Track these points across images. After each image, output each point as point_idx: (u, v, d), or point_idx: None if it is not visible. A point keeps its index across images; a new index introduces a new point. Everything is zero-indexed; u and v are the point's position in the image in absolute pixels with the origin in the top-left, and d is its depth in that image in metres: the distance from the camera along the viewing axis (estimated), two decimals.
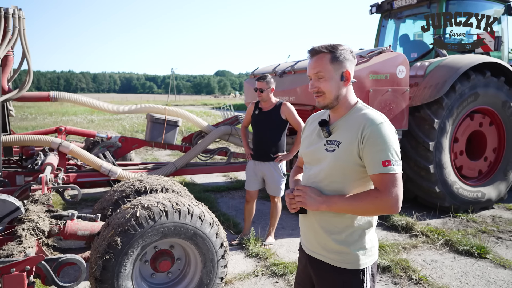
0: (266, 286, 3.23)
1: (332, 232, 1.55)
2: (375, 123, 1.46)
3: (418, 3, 5.94)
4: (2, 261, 1.84)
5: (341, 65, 1.51)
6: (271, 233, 4.12)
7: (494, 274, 3.44)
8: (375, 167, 1.44)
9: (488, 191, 5.32)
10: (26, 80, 4.16)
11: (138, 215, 2.25)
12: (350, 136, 1.50)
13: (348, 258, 1.53)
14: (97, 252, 2.21)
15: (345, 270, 1.54)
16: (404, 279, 3.30)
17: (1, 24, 3.85)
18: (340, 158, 1.51)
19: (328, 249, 1.57)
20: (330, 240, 1.55)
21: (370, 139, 1.45)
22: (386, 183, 1.43)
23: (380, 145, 1.44)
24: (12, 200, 2.43)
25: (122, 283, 2.21)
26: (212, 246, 2.43)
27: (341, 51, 1.51)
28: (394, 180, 1.43)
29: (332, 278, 1.56)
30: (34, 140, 4.18)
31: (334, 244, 1.54)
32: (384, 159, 1.43)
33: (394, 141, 1.46)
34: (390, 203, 1.42)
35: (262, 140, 3.96)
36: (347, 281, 1.54)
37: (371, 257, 1.56)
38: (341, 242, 1.53)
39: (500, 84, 5.23)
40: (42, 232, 2.28)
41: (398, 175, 1.44)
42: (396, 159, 1.45)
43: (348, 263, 1.54)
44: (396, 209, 1.43)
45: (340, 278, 1.55)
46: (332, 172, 1.53)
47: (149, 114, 4.97)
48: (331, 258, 1.56)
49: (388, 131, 1.46)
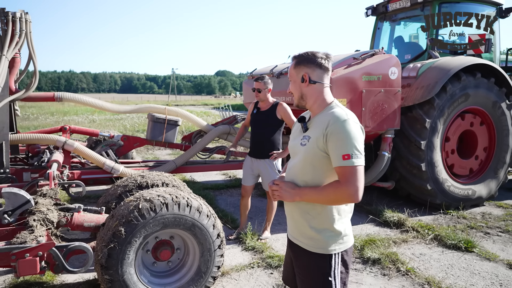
0: (262, 277, 3.40)
1: (306, 220, 1.71)
2: (338, 120, 1.62)
3: (412, 6, 6.10)
4: (17, 247, 2.01)
5: (301, 69, 1.73)
6: (267, 228, 4.29)
7: (479, 266, 3.61)
8: (336, 161, 1.59)
9: (478, 189, 5.49)
10: (32, 81, 4.34)
11: (141, 207, 2.42)
12: (317, 132, 1.66)
13: (319, 243, 1.70)
14: (102, 241, 2.39)
15: (316, 254, 1.70)
16: (393, 271, 3.47)
17: (9, 28, 4.02)
18: (309, 152, 1.67)
19: (303, 235, 1.74)
20: (305, 227, 1.72)
21: (333, 134, 1.60)
22: (345, 175, 1.57)
23: (340, 140, 1.59)
24: (23, 193, 2.60)
25: (125, 269, 2.38)
26: (209, 236, 2.60)
27: (302, 57, 1.73)
28: (353, 172, 1.56)
29: (305, 261, 1.74)
30: (40, 138, 4.36)
31: (308, 231, 1.71)
32: (343, 153, 1.57)
33: (354, 137, 1.59)
34: (349, 192, 1.56)
35: (259, 139, 4.15)
36: (317, 264, 1.70)
37: (342, 245, 1.71)
38: (313, 229, 1.70)
39: (490, 85, 5.39)
40: (51, 223, 2.46)
41: (357, 167, 1.57)
42: (356, 153, 1.58)
43: (319, 248, 1.70)
44: (355, 198, 1.58)
45: (311, 261, 1.72)
46: (304, 164, 1.70)
47: (150, 113, 5.14)
48: (305, 243, 1.74)
49: (350, 127, 1.60)
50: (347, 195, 1.57)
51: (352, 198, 1.57)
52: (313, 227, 1.70)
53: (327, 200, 1.64)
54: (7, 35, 4.01)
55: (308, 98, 1.75)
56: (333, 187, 1.60)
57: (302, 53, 1.74)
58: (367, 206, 5.24)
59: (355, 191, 1.56)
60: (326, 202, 1.66)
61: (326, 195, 1.62)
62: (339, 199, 1.62)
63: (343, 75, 4.59)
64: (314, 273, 1.71)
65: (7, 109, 4.06)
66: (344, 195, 1.58)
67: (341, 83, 4.58)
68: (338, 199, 1.62)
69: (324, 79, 1.74)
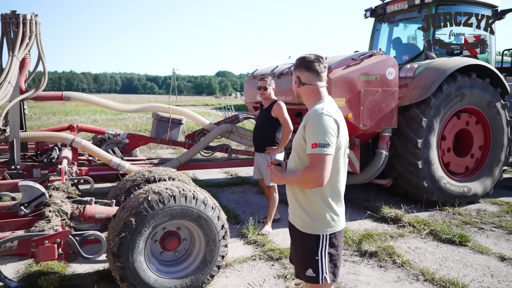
0: (263, 268, 3.55)
1: (299, 204, 1.95)
2: (313, 114, 1.84)
3: (409, 8, 6.25)
4: (37, 235, 2.17)
5: (295, 73, 2.01)
6: (268, 223, 4.45)
7: (472, 259, 3.76)
8: (307, 149, 1.81)
9: (474, 186, 5.63)
10: (41, 81, 4.49)
11: (150, 198, 2.57)
12: (302, 125, 1.91)
13: (308, 225, 1.93)
14: (114, 230, 2.54)
15: (306, 234, 1.94)
16: (389, 263, 3.62)
17: (20, 29, 4.18)
18: (296, 142, 1.94)
19: (297, 217, 1.98)
20: (298, 210, 1.96)
21: (307, 126, 1.84)
22: (312, 161, 1.78)
23: (312, 131, 1.80)
24: (39, 186, 2.75)
25: (136, 257, 2.53)
26: (214, 227, 2.75)
27: (296, 62, 2.01)
28: (318, 159, 1.76)
29: (298, 240, 1.99)
30: (49, 136, 4.51)
31: (300, 213, 1.95)
32: (313, 142, 1.78)
33: (325, 129, 1.78)
34: (313, 176, 1.77)
35: (258, 134, 4.47)
36: (306, 243, 1.94)
37: (330, 228, 1.92)
38: (304, 211, 1.93)
39: (485, 85, 5.54)
40: (66, 214, 2.61)
41: (322, 155, 1.76)
42: (323, 143, 1.76)
43: (308, 229, 1.93)
44: (318, 182, 1.77)
45: (302, 240, 1.96)
46: (295, 152, 1.96)
47: (154, 112, 5.29)
48: (298, 224, 1.98)
49: (322, 121, 1.79)
50: (311, 178, 1.78)
51: (316, 181, 1.77)
52: (304, 210, 1.93)
53: (298, 183, 1.88)
54: (18, 36, 4.17)
55: (301, 96, 2.03)
56: (302, 171, 1.83)
57: (298, 58, 2.00)
58: (365, 203, 5.39)
59: (318, 176, 1.76)
60: (298, 185, 1.90)
61: (297, 178, 1.86)
62: (306, 182, 1.83)
63: (342, 75, 4.74)
64: (304, 251, 1.95)
65: (17, 108, 4.22)
66: (309, 178, 1.79)
67: (340, 83, 4.73)
68: (306, 182, 1.83)
69: (313, 80, 1.96)
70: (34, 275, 3.22)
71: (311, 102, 1.96)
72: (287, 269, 3.48)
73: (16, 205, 2.74)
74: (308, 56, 1.96)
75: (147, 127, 14.27)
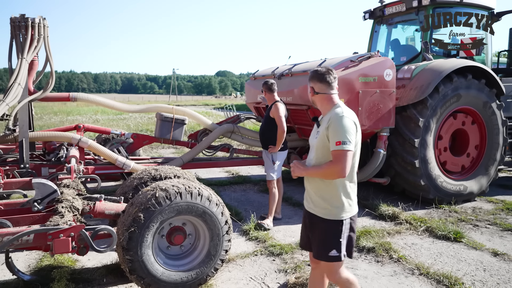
0: (264, 263, 3.68)
1: (320, 195, 2.27)
2: (335, 117, 2.19)
3: (407, 10, 6.39)
4: (52, 228, 2.30)
5: (310, 83, 2.36)
6: (268, 217, 4.61)
7: (466, 254, 3.89)
8: (331, 146, 2.15)
9: (470, 185, 5.77)
10: (49, 82, 4.63)
11: (157, 195, 2.71)
12: (324, 127, 2.24)
13: (331, 212, 2.24)
14: (123, 225, 2.67)
15: (329, 220, 2.25)
16: (386, 258, 3.76)
17: (29, 32, 4.31)
18: (320, 141, 2.25)
19: (317, 205, 2.29)
20: (320, 201, 2.27)
21: (331, 127, 2.18)
22: (336, 156, 2.13)
23: (335, 131, 2.14)
24: (51, 184, 2.89)
25: (144, 251, 2.67)
26: (218, 222, 2.89)
27: (310, 74, 2.35)
28: (341, 154, 2.11)
29: (322, 226, 2.28)
30: (56, 136, 4.65)
31: (322, 203, 2.26)
32: (336, 140, 2.12)
33: (346, 129, 2.13)
34: (337, 169, 2.11)
35: (260, 132, 4.79)
36: (331, 227, 2.25)
37: (348, 213, 2.26)
38: (326, 202, 2.24)
39: (481, 86, 5.67)
40: (77, 210, 2.75)
41: (345, 151, 2.10)
42: (345, 141, 2.10)
43: (331, 215, 2.24)
44: (342, 174, 2.11)
45: (326, 225, 2.26)
46: (317, 151, 2.28)
47: (158, 113, 5.43)
48: (320, 212, 2.28)
49: (344, 122, 2.15)
50: (336, 171, 2.12)
51: (339, 174, 2.12)
52: (326, 200, 2.25)
53: (323, 175, 2.20)
54: (27, 39, 4.30)
55: (316, 103, 2.38)
56: (327, 165, 2.18)
57: (311, 71, 2.35)
58: (363, 201, 5.52)
59: (341, 169, 2.11)
60: (322, 176, 2.21)
61: (323, 171, 2.18)
62: (331, 174, 2.16)
63: (340, 77, 4.87)
64: (328, 235, 2.26)
65: (26, 108, 4.36)
66: (334, 171, 2.13)
67: (339, 84, 4.83)
68: (330, 174, 2.16)
69: (325, 90, 2.31)
70: (45, 269, 3.36)
71: (326, 108, 2.32)
72: (288, 263, 3.62)
73: (30, 201, 2.88)
74: (320, 69, 2.31)
75: (148, 127, 14.41)
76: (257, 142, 5.94)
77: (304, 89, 5.32)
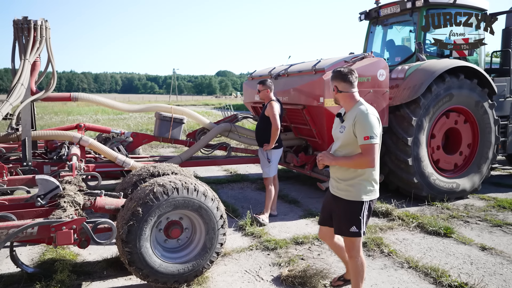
0: (259, 257, 3.81)
1: (343, 180, 2.65)
2: (361, 114, 2.51)
3: (401, 11, 6.51)
4: (55, 221, 2.43)
5: (333, 82, 2.67)
6: (264, 213, 4.76)
7: (455, 248, 4.02)
8: (360, 140, 2.49)
9: (462, 183, 5.89)
10: (51, 82, 4.76)
11: (155, 190, 2.84)
12: (350, 122, 2.56)
13: (354, 195, 2.61)
14: (123, 219, 2.80)
15: (352, 201, 2.62)
16: (377, 252, 3.88)
17: (31, 34, 4.44)
18: (346, 136, 2.58)
19: (343, 190, 2.66)
20: (344, 185, 2.64)
21: (358, 123, 2.50)
22: (365, 149, 2.48)
23: (362, 127, 2.47)
24: (53, 180, 3.02)
25: (142, 244, 2.80)
26: (213, 217, 3.02)
27: (333, 74, 2.66)
28: (370, 147, 2.47)
29: (345, 206, 2.66)
30: (58, 135, 4.78)
31: (347, 187, 2.63)
32: (364, 135, 2.46)
33: (373, 124, 2.46)
34: (367, 160, 2.48)
35: (256, 130, 4.97)
36: (353, 207, 2.62)
37: (369, 196, 2.62)
38: (351, 186, 2.61)
39: (473, 86, 5.80)
40: (79, 204, 2.88)
41: (373, 145, 2.46)
42: (373, 135, 2.45)
43: (354, 197, 2.61)
44: (371, 165, 2.49)
45: (348, 206, 2.64)
46: (342, 143, 2.62)
47: (157, 112, 5.56)
48: (344, 195, 2.66)
49: (369, 119, 2.48)
50: (366, 162, 2.49)
51: (369, 164, 2.50)
52: (351, 184, 2.61)
53: (353, 165, 2.56)
54: (29, 41, 4.44)
55: (339, 101, 2.68)
56: (358, 156, 2.53)
57: (334, 71, 2.68)
58: None
59: (371, 160, 2.48)
60: (353, 166, 2.58)
61: (353, 161, 2.55)
62: (361, 165, 2.53)
63: None
64: (350, 213, 2.63)
65: (29, 108, 4.49)
66: (364, 162, 2.50)
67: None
68: (360, 165, 2.53)
69: (348, 88, 2.60)
70: (48, 263, 3.49)
71: (349, 105, 2.63)
72: (282, 257, 3.75)
73: (33, 197, 3.01)
74: (343, 70, 2.61)
75: (148, 127, 14.54)
76: (254, 141, 6.05)
77: (299, 89, 5.45)
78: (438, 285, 3.23)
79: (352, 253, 2.72)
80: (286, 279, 3.27)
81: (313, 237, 4.26)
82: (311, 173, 5.86)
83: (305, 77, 5.45)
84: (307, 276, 3.24)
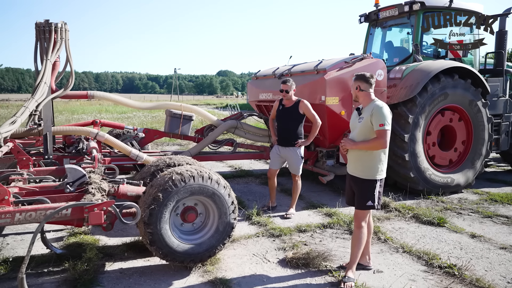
0: (266, 243, 4.13)
1: (362, 162, 3.20)
2: (377, 107, 3.12)
3: (399, 14, 6.82)
4: (88, 203, 2.75)
5: (356, 82, 3.26)
6: (293, 206, 5.10)
7: (446, 236, 4.33)
8: (375, 127, 3.08)
9: (457, 178, 6.20)
10: (69, 81, 5.07)
11: (174, 178, 3.15)
12: (367, 114, 3.15)
13: (367, 173, 3.18)
14: (145, 204, 3.12)
15: (367, 180, 3.19)
16: (374, 239, 4.19)
17: (52, 36, 4.76)
18: (363, 125, 3.16)
19: (359, 170, 3.23)
20: (361, 166, 3.21)
21: (374, 115, 3.10)
22: (380, 134, 3.06)
23: (378, 117, 3.07)
24: (80, 169, 3.33)
25: (162, 226, 3.11)
26: (225, 203, 3.33)
27: (357, 76, 3.26)
28: (384, 133, 3.05)
29: (361, 184, 3.22)
30: (75, 130, 5.09)
31: (363, 168, 3.20)
32: (379, 123, 3.05)
33: (386, 115, 3.07)
34: (381, 143, 3.05)
35: (285, 130, 5.01)
36: (368, 185, 3.18)
37: (380, 175, 3.20)
38: (366, 166, 3.18)
39: (467, 86, 6.10)
40: (104, 191, 3.19)
41: (386, 130, 3.05)
42: (386, 123, 3.04)
43: (369, 176, 3.18)
44: (384, 146, 3.06)
45: (364, 184, 3.20)
46: (360, 131, 3.19)
47: (168, 109, 5.87)
48: (360, 174, 3.22)
49: (383, 110, 3.09)
50: (380, 144, 3.06)
51: (382, 146, 3.07)
52: (367, 165, 3.18)
53: (370, 147, 3.12)
54: (51, 42, 4.75)
55: (359, 98, 3.27)
56: (373, 140, 3.11)
57: (358, 74, 3.28)
58: None
59: (384, 142, 3.06)
60: (369, 148, 3.13)
61: (370, 144, 3.11)
62: (376, 146, 3.09)
63: (335, 77, 5.32)
64: (366, 190, 3.19)
65: (50, 105, 4.80)
66: (379, 144, 3.07)
67: (334, 84, 5.31)
68: (375, 146, 3.09)
69: (368, 88, 3.21)
70: (73, 245, 3.81)
71: (367, 101, 3.22)
72: (286, 243, 4.06)
73: (63, 184, 3.32)
74: (366, 74, 3.23)
75: (153, 125, 14.87)
76: (258, 138, 6.37)
77: (302, 88, 5.76)
78: (429, 266, 3.54)
79: (360, 224, 3.24)
80: (290, 261, 3.59)
81: (315, 226, 4.58)
82: (313, 168, 6.18)
83: (308, 77, 5.76)
84: (310, 258, 3.55)
